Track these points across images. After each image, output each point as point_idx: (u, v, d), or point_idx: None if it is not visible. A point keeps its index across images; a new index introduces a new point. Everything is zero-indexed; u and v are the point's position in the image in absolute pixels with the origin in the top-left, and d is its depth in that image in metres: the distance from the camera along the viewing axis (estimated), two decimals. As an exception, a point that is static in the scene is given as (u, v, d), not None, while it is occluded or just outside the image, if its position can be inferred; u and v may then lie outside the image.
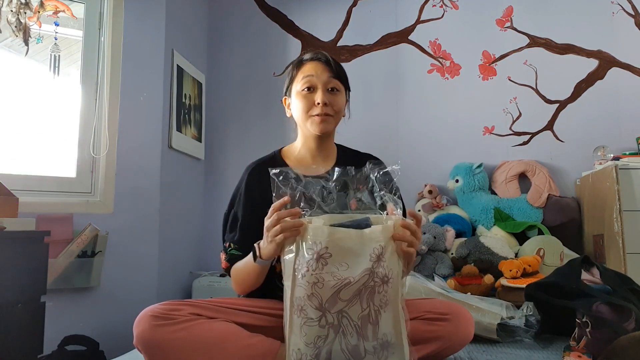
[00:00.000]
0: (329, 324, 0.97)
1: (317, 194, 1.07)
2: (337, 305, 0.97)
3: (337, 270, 0.97)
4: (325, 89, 1.28)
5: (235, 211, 1.31)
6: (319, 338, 0.97)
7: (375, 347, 0.97)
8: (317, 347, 0.97)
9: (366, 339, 0.97)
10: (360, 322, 0.97)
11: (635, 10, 2.71)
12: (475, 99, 2.83)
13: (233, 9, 3.09)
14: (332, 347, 0.97)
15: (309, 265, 0.98)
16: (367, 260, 0.98)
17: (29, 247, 1.66)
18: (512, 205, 2.59)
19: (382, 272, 0.98)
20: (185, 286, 2.61)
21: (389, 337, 0.98)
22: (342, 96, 1.32)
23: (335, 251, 0.98)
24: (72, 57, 2.37)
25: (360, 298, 0.97)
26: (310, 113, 1.28)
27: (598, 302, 1.41)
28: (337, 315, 0.97)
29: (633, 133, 2.56)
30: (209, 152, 2.96)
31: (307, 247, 0.99)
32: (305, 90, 1.28)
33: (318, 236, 0.99)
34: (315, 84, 1.28)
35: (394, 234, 1.00)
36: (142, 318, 1.09)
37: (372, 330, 0.97)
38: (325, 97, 1.26)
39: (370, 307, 0.97)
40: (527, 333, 1.60)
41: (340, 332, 0.97)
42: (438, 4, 2.91)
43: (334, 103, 1.28)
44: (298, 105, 1.30)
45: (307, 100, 1.28)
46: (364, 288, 0.97)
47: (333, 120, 1.30)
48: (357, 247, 0.99)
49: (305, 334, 0.98)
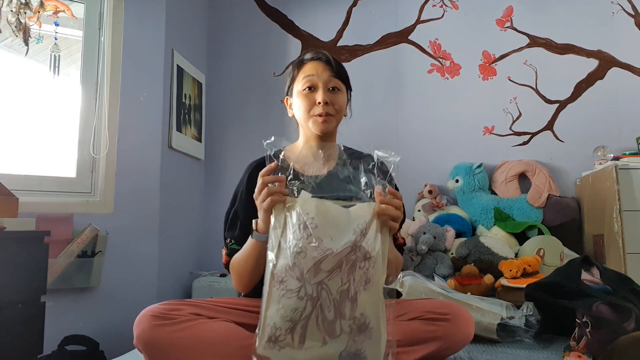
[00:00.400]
0: (307, 296, 0.97)
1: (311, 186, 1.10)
2: (317, 275, 0.97)
3: (322, 241, 0.99)
4: (326, 88, 1.28)
5: (236, 208, 1.32)
6: (296, 311, 0.96)
7: (352, 328, 0.97)
8: (293, 321, 0.96)
9: (343, 316, 0.96)
10: (339, 296, 0.97)
11: (635, 10, 2.71)
12: (475, 99, 2.83)
13: (233, 9, 3.10)
14: (307, 322, 0.96)
15: (294, 235, 1.00)
16: (351, 234, 1.00)
17: (29, 247, 1.66)
18: (512, 205, 2.59)
19: (365, 248, 0.99)
20: (185, 286, 2.61)
21: (367, 319, 0.97)
22: (343, 95, 1.32)
23: (321, 222, 1.00)
24: (72, 57, 2.37)
25: (341, 271, 0.98)
26: (311, 112, 1.28)
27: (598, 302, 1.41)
28: (317, 287, 0.97)
29: (633, 133, 2.56)
30: (209, 152, 2.96)
31: (295, 217, 1.02)
32: (306, 89, 1.29)
33: (305, 207, 1.02)
34: (316, 83, 1.28)
35: (378, 210, 1.02)
36: (142, 318, 1.09)
37: (350, 307, 0.97)
38: (326, 96, 1.27)
39: (350, 282, 0.98)
40: (527, 333, 1.60)
41: (318, 306, 0.97)
42: (438, 4, 2.91)
43: (335, 102, 1.29)
44: (299, 104, 1.30)
45: (308, 99, 1.28)
46: (345, 260, 0.98)
47: (334, 120, 1.30)
48: (343, 222, 1.02)
49: (283, 306, 0.97)
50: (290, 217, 1.02)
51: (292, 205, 1.03)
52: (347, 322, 0.97)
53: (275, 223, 1.04)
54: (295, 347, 0.96)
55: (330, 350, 0.96)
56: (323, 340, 0.96)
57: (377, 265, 1.00)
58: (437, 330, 1.16)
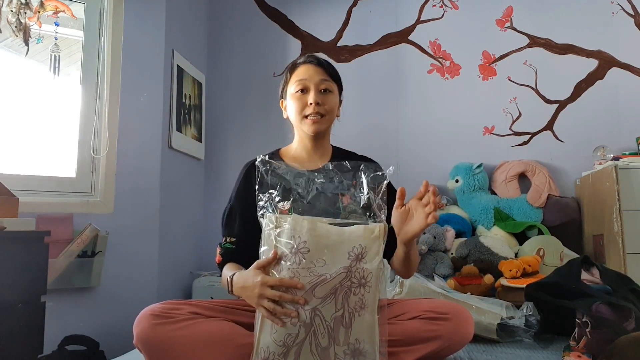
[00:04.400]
0: (301, 322, 0.96)
1: (302, 187, 1.09)
2: (311, 302, 0.95)
3: (314, 266, 0.96)
4: (317, 90, 1.33)
5: (232, 207, 1.34)
6: (289, 336, 0.95)
7: (346, 353, 0.95)
8: (287, 346, 0.95)
9: (337, 342, 0.95)
10: (332, 323, 0.95)
11: (635, 10, 2.71)
12: (475, 99, 2.83)
13: (233, 9, 3.10)
14: (301, 348, 0.96)
15: (285, 260, 0.97)
16: (346, 259, 0.97)
17: (29, 247, 1.66)
18: (512, 205, 2.59)
19: (360, 274, 0.97)
20: (185, 286, 2.61)
21: (362, 344, 0.96)
22: (334, 96, 1.37)
23: (313, 246, 0.97)
24: (72, 57, 2.37)
25: (336, 298, 0.95)
26: (303, 113, 1.33)
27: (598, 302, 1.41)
28: (310, 313, 0.95)
29: (633, 133, 2.56)
30: (209, 152, 2.96)
31: (286, 240, 0.98)
32: (298, 92, 1.34)
33: (297, 230, 0.99)
34: (308, 85, 1.33)
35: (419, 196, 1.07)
36: (142, 317, 1.10)
37: (344, 334, 0.95)
38: (317, 98, 1.31)
39: (344, 308, 0.96)
40: (527, 333, 1.60)
41: (312, 332, 0.95)
42: (438, 4, 2.91)
43: (325, 102, 1.33)
44: (292, 106, 1.35)
45: (301, 101, 1.33)
46: (339, 287, 0.96)
47: (325, 121, 1.34)
48: (337, 244, 0.98)
49: (276, 331, 0.96)
50: (281, 241, 0.99)
51: (283, 231, 0.99)
52: (341, 349, 0.96)
53: (267, 250, 1.02)
54: None
55: None
56: None
57: (372, 289, 0.98)
58: (437, 330, 1.16)
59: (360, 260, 0.98)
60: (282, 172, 1.11)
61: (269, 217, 1.04)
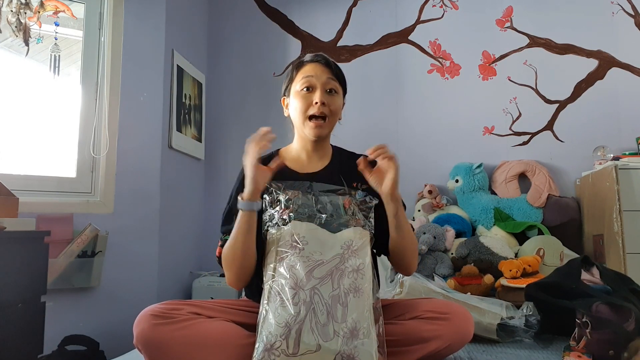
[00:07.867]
0: (301, 300, 1.03)
1: (301, 197, 1.19)
2: (310, 282, 1.06)
3: (312, 255, 1.10)
4: (324, 89, 1.30)
5: (232, 205, 1.33)
6: (291, 316, 1.02)
7: (344, 331, 1.01)
8: (288, 327, 1.00)
9: (336, 319, 1.02)
10: (330, 300, 1.04)
11: (635, 10, 2.71)
12: (475, 99, 2.83)
13: (233, 9, 3.10)
14: (302, 326, 1.00)
15: (288, 252, 1.11)
16: (339, 248, 1.12)
17: (29, 247, 1.66)
18: (512, 205, 2.59)
19: (353, 262, 1.09)
20: (185, 286, 2.61)
21: (358, 325, 1.02)
22: (339, 98, 1.34)
23: (311, 241, 1.12)
24: (72, 57, 2.37)
25: (332, 278, 1.07)
26: (307, 113, 1.30)
27: (598, 302, 1.41)
28: (310, 292, 1.05)
29: (633, 133, 2.56)
30: (209, 152, 2.96)
31: (286, 239, 1.13)
32: (304, 90, 1.31)
33: (296, 230, 1.14)
34: (315, 84, 1.30)
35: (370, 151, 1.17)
36: (142, 317, 1.10)
37: (341, 312, 1.03)
38: (323, 97, 1.29)
39: (340, 288, 1.06)
40: (527, 333, 1.60)
41: (312, 310, 1.03)
42: (438, 4, 2.91)
43: (331, 103, 1.30)
44: (296, 104, 1.32)
45: (306, 100, 1.30)
46: (335, 269, 1.08)
47: (328, 124, 1.32)
48: (330, 241, 1.14)
49: (279, 314, 1.03)
50: (284, 241, 1.12)
51: (283, 234, 1.13)
52: (339, 326, 1.02)
53: (271, 255, 1.13)
54: (290, 353, 0.99)
55: (325, 356, 0.99)
56: (317, 346, 0.99)
57: (366, 277, 1.09)
58: (437, 330, 1.16)
59: (351, 249, 1.12)
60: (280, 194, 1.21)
61: (270, 232, 1.17)
